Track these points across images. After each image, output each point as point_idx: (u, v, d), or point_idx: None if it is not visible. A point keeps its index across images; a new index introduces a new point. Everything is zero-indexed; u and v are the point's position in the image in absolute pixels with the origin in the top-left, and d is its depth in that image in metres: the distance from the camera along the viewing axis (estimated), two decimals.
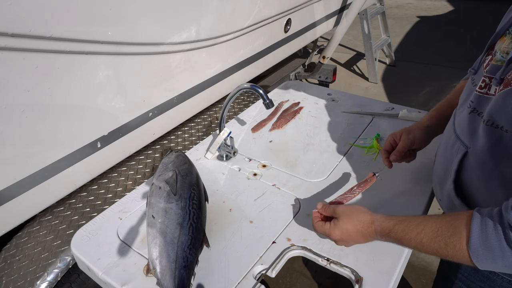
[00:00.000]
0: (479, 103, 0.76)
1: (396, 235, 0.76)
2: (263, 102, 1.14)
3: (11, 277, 1.03)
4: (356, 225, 0.82)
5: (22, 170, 1.02)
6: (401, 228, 0.75)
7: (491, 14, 6.06)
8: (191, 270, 0.81)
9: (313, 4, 2.22)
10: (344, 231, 0.83)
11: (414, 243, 0.73)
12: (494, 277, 0.85)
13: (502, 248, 0.62)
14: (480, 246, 0.65)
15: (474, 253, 0.65)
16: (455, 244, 0.67)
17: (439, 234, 0.70)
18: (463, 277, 0.93)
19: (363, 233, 0.81)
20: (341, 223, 0.83)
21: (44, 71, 0.96)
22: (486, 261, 0.65)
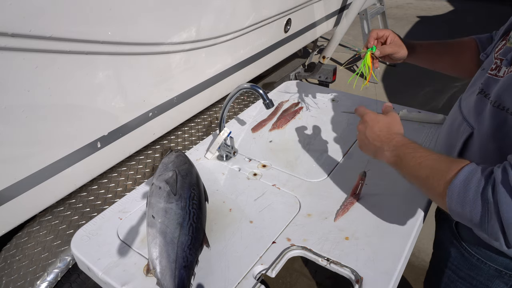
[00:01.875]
0: (488, 84, 0.77)
1: (407, 150, 0.79)
2: (263, 102, 1.14)
3: (11, 277, 1.03)
4: (384, 122, 0.89)
5: (22, 170, 1.02)
6: (413, 146, 0.79)
7: (491, 14, 6.05)
8: (191, 270, 0.81)
9: (313, 4, 2.22)
10: (370, 121, 0.90)
11: (413, 163, 0.76)
12: (481, 265, 0.88)
13: (475, 197, 0.64)
14: (458, 187, 0.66)
15: (450, 192, 0.67)
16: (441, 178, 0.70)
17: (437, 163, 0.72)
18: (453, 266, 0.96)
19: (388, 131, 0.87)
20: (381, 115, 0.92)
21: (44, 71, 0.96)
22: (456, 203, 0.66)
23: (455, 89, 3.94)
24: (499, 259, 0.84)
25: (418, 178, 0.76)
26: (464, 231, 0.91)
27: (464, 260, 0.92)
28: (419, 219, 0.97)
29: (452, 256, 0.95)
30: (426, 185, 0.74)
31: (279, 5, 1.85)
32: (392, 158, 0.83)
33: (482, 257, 0.87)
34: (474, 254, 0.89)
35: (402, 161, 0.79)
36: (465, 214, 0.66)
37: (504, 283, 0.86)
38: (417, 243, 0.98)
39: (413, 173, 0.77)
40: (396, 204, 1.02)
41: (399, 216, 0.98)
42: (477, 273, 0.90)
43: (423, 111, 1.44)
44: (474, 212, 0.64)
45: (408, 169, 0.78)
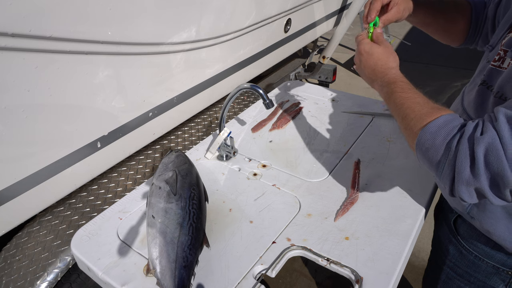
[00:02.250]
0: (491, 76, 0.77)
1: (396, 87, 0.81)
2: (263, 102, 1.14)
3: (11, 277, 1.03)
4: (379, 55, 0.89)
5: (22, 170, 1.02)
6: (403, 85, 0.81)
7: None
8: (191, 270, 0.81)
9: (313, 4, 2.22)
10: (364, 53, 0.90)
11: (398, 101, 0.79)
12: (479, 263, 0.89)
13: (441, 143, 0.66)
14: (430, 130, 0.68)
15: (422, 133, 0.69)
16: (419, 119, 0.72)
17: (421, 106, 0.74)
18: (451, 263, 0.97)
19: (382, 65, 0.87)
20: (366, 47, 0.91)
21: (44, 71, 0.96)
22: (423, 144, 0.69)
23: (455, 89, 3.95)
24: (497, 256, 0.85)
25: (399, 116, 0.79)
26: (463, 228, 0.92)
27: (462, 258, 0.93)
28: (419, 219, 0.97)
29: (450, 254, 0.96)
30: (404, 123, 0.76)
31: (279, 5, 1.85)
32: (383, 93, 0.86)
33: (480, 254, 0.88)
34: (472, 251, 0.90)
35: (390, 98, 0.82)
36: (428, 156, 0.69)
37: (501, 280, 0.86)
38: (417, 243, 0.98)
39: (396, 111, 0.79)
40: (396, 204, 1.02)
41: (399, 216, 0.98)
42: (474, 270, 0.91)
43: None
44: (435, 156, 0.67)
45: (393, 106, 0.81)
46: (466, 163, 0.62)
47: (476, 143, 0.61)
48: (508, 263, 0.84)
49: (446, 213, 0.99)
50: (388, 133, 1.35)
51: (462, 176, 0.63)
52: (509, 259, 0.83)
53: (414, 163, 1.17)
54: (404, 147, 1.26)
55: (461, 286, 0.96)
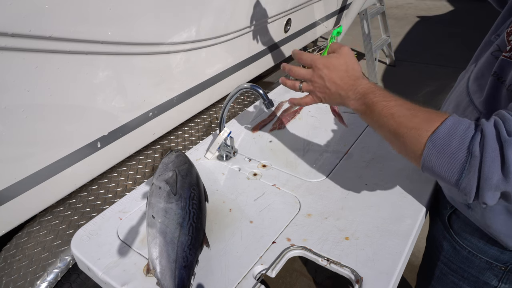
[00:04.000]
0: (502, 68, 0.72)
1: (376, 97, 0.74)
2: (263, 102, 1.14)
3: (11, 277, 1.03)
4: (348, 65, 0.80)
5: (22, 170, 1.02)
6: (383, 93, 0.74)
7: (491, 14, 6.05)
8: (191, 270, 0.81)
9: (313, 4, 2.22)
10: (332, 63, 0.80)
11: (384, 113, 0.71)
12: (472, 258, 0.90)
13: (458, 148, 0.60)
14: (442, 136, 0.62)
15: (432, 140, 0.63)
16: (421, 128, 0.65)
17: (413, 114, 0.67)
18: (445, 259, 0.97)
19: (349, 76, 0.79)
20: (333, 57, 0.81)
21: (44, 71, 0.96)
22: (436, 154, 0.62)
23: None
24: (490, 251, 0.86)
25: (390, 128, 0.70)
26: (457, 224, 0.92)
27: (455, 253, 0.93)
28: (419, 219, 0.97)
29: (444, 249, 0.97)
30: (400, 134, 0.68)
31: (279, 5, 1.85)
32: (360, 106, 0.78)
33: (473, 249, 0.89)
34: (465, 247, 0.90)
35: (371, 110, 0.74)
36: (442, 166, 0.62)
37: (495, 275, 0.87)
38: (417, 243, 0.98)
39: (385, 123, 0.71)
40: (396, 204, 1.02)
41: (399, 216, 0.98)
42: (468, 265, 0.91)
43: None
44: (452, 164, 0.61)
45: (379, 118, 0.73)
46: (495, 167, 0.58)
47: (507, 145, 0.57)
48: (501, 259, 0.85)
49: (440, 209, 0.99)
50: None
51: (491, 182, 0.59)
52: (503, 254, 0.84)
53: None
54: None
55: (455, 281, 0.96)
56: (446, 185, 0.91)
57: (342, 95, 0.81)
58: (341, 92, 0.81)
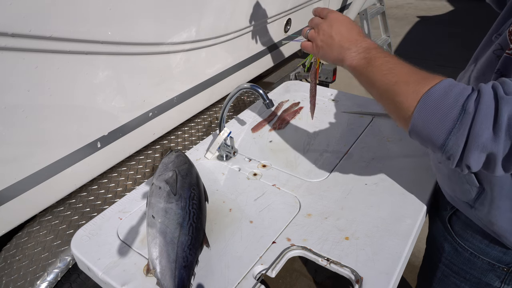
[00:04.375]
0: (506, 65, 0.72)
1: (378, 53, 0.74)
2: (263, 102, 1.14)
3: (11, 277, 1.03)
4: (352, 25, 0.82)
5: (22, 170, 1.02)
6: (385, 52, 0.74)
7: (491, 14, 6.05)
8: (191, 270, 0.81)
9: (313, 4, 2.22)
10: (344, 19, 0.83)
11: (384, 68, 0.71)
12: (474, 260, 0.89)
13: (453, 105, 0.59)
14: (438, 93, 0.61)
15: (427, 96, 0.62)
16: (419, 83, 0.64)
17: (413, 71, 0.67)
18: (447, 261, 0.97)
19: (356, 32, 0.81)
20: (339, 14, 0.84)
21: (44, 71, 0.96)
22: (428, 110, 0.61)
23: None
24: (492, 253, 0.85)
25: (386, 84, 0.69)
26: (458, 225, 0.92)
27: (457, 255, 0.93)
28: (419, 219, 0.97)
29: (445, 251, 0.96)
30: (396, 90, 0.67)
31: (279, 5, 1.85)
32: (361, 60, 0.77)
33: (475, 251, 0.88)
34: (467, 248, 0.90)
35: (371, 64, 0.74)
36: (431, 123, 0.61)
37: (497, 276, 0.87)
38: (417, 243, 0.98)
39: (382, 78, 0.71)
40: (396, 204, 1.02)
41: (399, 216, 0.98)
42: (470, 267, 0.91)
43: None
44: (443, 121, 0.60)
45: (377, 73, 0.72)
46: (486, 124, 0.56)
47: (502, 103, 0.55)
48: (504, 260, 0.84)
49: (441, 211, 0.99)
50: (388, 133, 1.35)
51: (479, 140, 0.57)
52: (505, 255, 0.84)
53: (414, 163, 1.17)
54: (404, 147, 1.26)
55: (457, 283, 0.96)
56: (446, 183, 0.90)
57: (344, 46, 0.81)
58: (344, 43, 0.81)
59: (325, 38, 0.85)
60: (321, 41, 0.86)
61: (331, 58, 0.85)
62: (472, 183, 0.79)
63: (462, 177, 0.81)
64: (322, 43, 0.86)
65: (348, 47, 0.80)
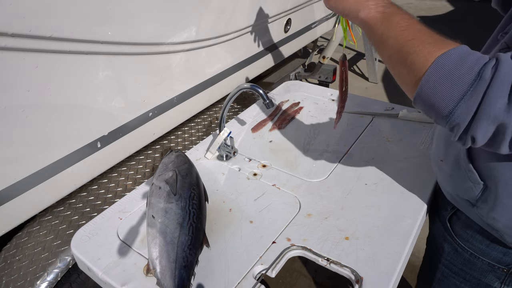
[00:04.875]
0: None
1: (398, 9, 0.70)
2: (263, 102, 1.14)
3: (11, 277, 1.03)
4: None
5: (22, 170, 1.02)
6: (402, 10, 0.70)
7: (491, 14, 6.05)
8: (191, 270, 0.81)
9: (313, 4, 2.22)
10: None
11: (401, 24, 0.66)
12: (474, 260, 0.89)
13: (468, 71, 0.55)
14: (454, 56, 0.57)
15: (442, 59, 0.58)
16: (435, 45, 0.60)
17: (431, 33, 0.64)
18: (446, 261, 0.97)
19: None
20: None
21: (44, 71, 0.96)
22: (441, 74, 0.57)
23: None
24: (492, 253, 0.85)
25: (401, 41, 0.65)
26: (458, 225, 0.92)
27: (457, 255, 0.93)
28: (419, 219, 0.97)
29: (445, 252, 0.96)
30: (409, 48, 0.63)
31: (279, 5, 1.85)
32: (377, 14, 0.72)
33: (475, 252, 0.88)
34: (467, 249, 0.90)
35: (389, 19, 0.69)
36: (441, 88, 0.58)
37: (497, 277, 0.87)
38: (417, 243, 0.98)
39: (398, 34, 0.66)
40: (396, 204, 1.02)
41: (399, 216, 0.98)
42: (470, 268, 0.91)
43: None
44: (455, 87, 0.56)
45: (394, 28, 0.67)
46: (502, 92, 0.53)
47: None
48: (504, 261, 0.84)
49: (441, 211, 0.99)
50: (388, 133, 1.35)
51: (491, 109, 0.54)
52: (505, 256, 0.84)
53: (414, 163, 1.17)
54: (404, 147, 1.26)
55: (457, 284, 0.96)
56: (447, 182, 0.88)
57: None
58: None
59: None
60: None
61: (345, 8, 0.79)
62: (475, 180, 0.78)
63: (465, 175, 0.80)
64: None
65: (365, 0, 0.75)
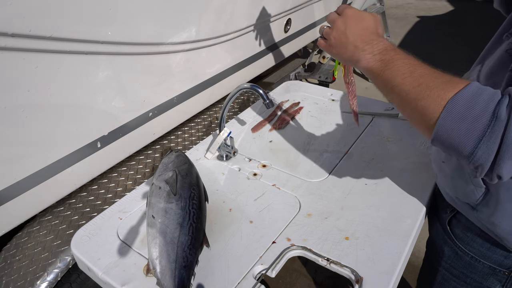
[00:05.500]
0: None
1: (396, 55, 0.70)
2: (263, 102, 1.14)
3: (11, 277, 1.03)
4: (376, 22, 0.78)
5: (22, 170, 1.02)
6: (403, 53, 0.70)
7: (491, 14, 6.05)
8: (191, 270, 0.81)
9: (313, 4, 2.22)
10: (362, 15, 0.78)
11: (403, 70, 0.66)
12: (475, 264, 0.88)
13: (482, 112, 0.55)
14: (465, 98, 0.57)
15: (453, 102, 0.57)
16: (443, 88, 0.60)
17: (436, 75, 0.63)
18: (447, 264, 0.96)
19: (373, 32, 0.76)
20: (366, 12, 0.79)
21: (44, 71, 0.96)
22: (454, 117, 0.57)
23: None
24: (493, 257, 0.85)
25: (407, 87, 0.65)
26: (458, 228, 0.91)
27: (458, 259, 0.92)
28: (419, 219, 0.97)
29: (446, 255, 0.95)
30: (417, 95, 0.63)
31: (279, 5, 1.85)
32: (376, 62, 0.72)
33: (476, 255, 0.88)
34: (468, 252, 0.89)
35: (389, 67, 0.69)
36: (458, 131, 0.57)
37: (498, 280, 0.86)
38: (417, 243, 0.98)
39: (402, 82, 0.66)
40: (396, 204, 1.02)
41: (399, 216, 0.98)
42: (471, 271, 0.90)
43: None
44: (472, 129, 0.56)
45: (396, 76, 0.68)
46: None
47: None
48: (505, 264, 0.84)
49: (440, 213, 0.98)
50: (388, 133, 1.35)
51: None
52: (506, 259, 0.83)
53: (414, 163, 1.17)
54: (404, 147, 1.26)
55: (457, 287, 0.95)
56: (447, 184, 0.88)
57: (358, 47, 0.76)
58: (358, 43, 0.77)
59: (338, 36, 0.80)
60: (335, 39, 0.81)
61: (345, 58, 0.81)
62: (477, 184, 0.77)
63: (467, 178, 0.79)
64: (335, 41, 0.81)
65: (362, 48, 0.76)
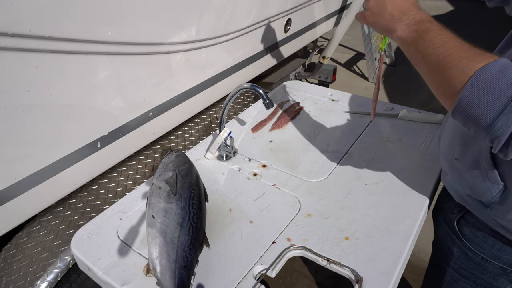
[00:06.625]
0: None
1: (432, 26, 0.71)
2: (263, 102, 1.14)
3: (11, 277, 1.03)
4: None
5: (22, 170, 1.02)
6: (440, 25, 0.71)
7: (491, 14, 6.05)
8: (191, 270, 0.81)
9: (313, 4, 2.22)
10: None
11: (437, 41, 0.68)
12: (486, 264, 0.87)
13: (508, 85, 0.56)
14: (493, 70, 0.58)
15: (481, 73, 0.58)
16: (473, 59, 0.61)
17: (468, 46, 0.64)
18: (456, 265, 0.94)
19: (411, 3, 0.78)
20: None
21: (44, 71, 0.96)
22: (479, 88, 0.58)
23: None
24: (504, 257, 0.83)
25: (437, 56, 0.66)
26: (467, 229, 0.90)
27: (467, 259, 0.91)
28: (419, 219, 0.97)
29: (454, 256, 0.94)
30: (446, 63, 0.64)
31: (279, 5, 1.85)
32: (411, 32, 0.74)
33: (487, 255, 0.86)
34: (478, 253, 0.88)
35: (423, 37, 0.71)
36: (481, 100, 0.58)
37: (509, 281, 0.85)
38: (417, 243, 0.98)
39: (433, 51, 0.68)
40: (396, 204, 1.02)
41: (399, 216, 0.98)
42: (481, 272, 0.89)
43: (423, 111, 1.44)
44: (495, 100, 0.57)
45: (428, 46, 0.69)
46: None
47: None
48: None
49: (447, 214, 0.97)
50: (388, 133, 1.35)
51: None
52: None
53: (414, 163, 1.17)
54: (404, 147, 1.26)
55: (466, 287, 0.94)
56: (460, 181, 0.86)
57: (396, 17, 0.78)
58: (396, 13, 0.78)
59: (377, 5, 0.82)
60: (373, 7, 0.83)
61: (381, 28, 0.83)
62: (495, 180, 0.76)
63: (484, 175, 0.77)
64: (374, 9, 0.83)
65: (399, 18, 0.77)
